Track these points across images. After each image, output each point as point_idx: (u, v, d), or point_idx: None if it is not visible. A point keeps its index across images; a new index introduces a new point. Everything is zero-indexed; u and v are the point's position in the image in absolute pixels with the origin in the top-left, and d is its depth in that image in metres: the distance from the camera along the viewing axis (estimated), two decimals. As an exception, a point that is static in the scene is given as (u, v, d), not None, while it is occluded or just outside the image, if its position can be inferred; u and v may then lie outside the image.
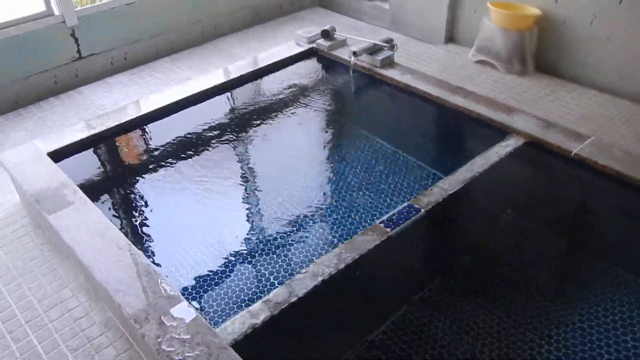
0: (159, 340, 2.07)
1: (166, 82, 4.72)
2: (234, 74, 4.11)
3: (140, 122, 3.65)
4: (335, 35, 4.38)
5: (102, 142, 3.49)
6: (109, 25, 4.78)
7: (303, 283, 2.33)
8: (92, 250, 2.52)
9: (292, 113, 3.92)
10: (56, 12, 4.47)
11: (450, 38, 5.35)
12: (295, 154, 3.55)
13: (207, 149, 3.59)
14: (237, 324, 2.20)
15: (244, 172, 3.47)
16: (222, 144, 3.68)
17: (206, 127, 3.80)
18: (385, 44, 4.06)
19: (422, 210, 2.75)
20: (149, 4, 4.95)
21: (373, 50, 4.10)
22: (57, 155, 3.32)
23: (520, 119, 3.45)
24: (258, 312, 2.23)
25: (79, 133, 3.49)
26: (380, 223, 2.65)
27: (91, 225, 2.67)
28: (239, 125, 3.89)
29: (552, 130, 3.32)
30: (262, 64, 4.27)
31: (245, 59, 4.51)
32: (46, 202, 2.86)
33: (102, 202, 3.15)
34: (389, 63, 4.08)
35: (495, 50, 4.70)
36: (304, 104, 4.00)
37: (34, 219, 3.26)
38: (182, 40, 5.36)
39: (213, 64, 4.97)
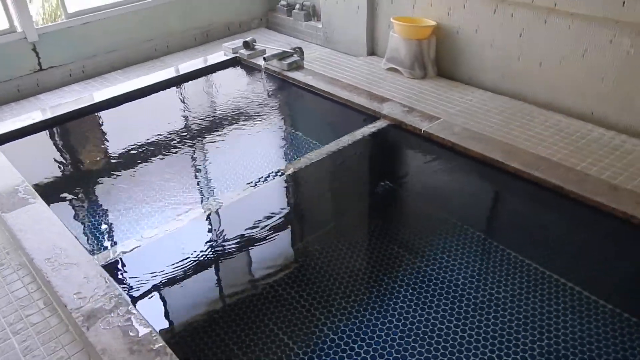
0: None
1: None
2: (164, 77, 4.93)
3: (73, 116, 4.45)
4: (255, 46, 5.21)
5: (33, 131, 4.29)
6: (66, 41, 5.65)
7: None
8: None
9: (209, 106, 4.74)
10: (18, 29, 5.34)
11: (372, 51, 6.17)
12: (213, 131, 4.37)
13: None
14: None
15: (163, 149, 4.24)
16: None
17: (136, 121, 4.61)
18: (292, 51, 4.86)
19: (284, 174, 3.48)
20: (103, 24, 5.83)
21: (282, 56, 4.90)
22: None
23: (389, 106, 4.20)
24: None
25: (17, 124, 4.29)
26: (248, 183, 3.39)
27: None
28: (171, 115, 4.71)
29: (412, 115, 4.07)
30: (192, 69, 5.09)
31: (180, 66, 5.34)
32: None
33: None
34: (296, 67, 4.87)
35: (400, 59, 5.49)
36: (223, 98, 4.81)
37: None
38: (136, 56, 6.22)
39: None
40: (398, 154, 4.09)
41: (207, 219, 3.25)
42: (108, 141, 4.50)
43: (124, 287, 2.78)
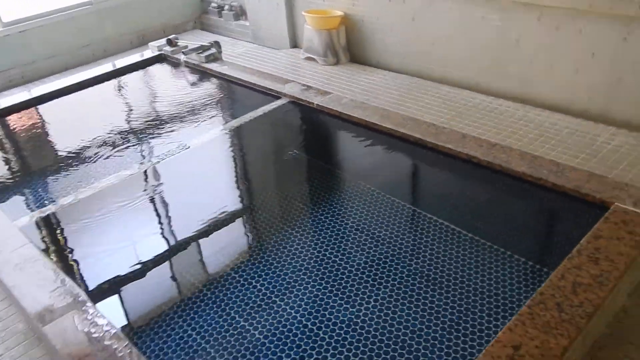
0: None
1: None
2: (94, 74, 5.49)
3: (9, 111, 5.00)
4: (177, 43, 5.79)
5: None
6: (5, 49, 6.17)
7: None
8: None
9: (139, 94, 5.33)
10: (-43, 39, 5.86)
11: (294, 44, 6.78)
12: (140, 118, 4.96)
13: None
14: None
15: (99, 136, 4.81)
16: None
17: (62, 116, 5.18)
18: (209, 45, 5.45)
19: (190, 146, 4.06)
20: (40, 31, 6.35)
21: (201, 50, 5.49)
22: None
23: (290, 86, 4.81)
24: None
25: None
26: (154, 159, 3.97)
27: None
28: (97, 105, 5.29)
29: (308, 92, 4.68)
30: (121, 65, 5.65)
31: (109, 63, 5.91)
32: None
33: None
34: (213, 59, 5.46)
35: (314, 48, 6.11)
36: (146, 90, 5.40)
37: None
38: (74, 61, 6.75)
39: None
40: (295, 124, 4.71)
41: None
42: (43, 133, 5.06)
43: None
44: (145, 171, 4.03)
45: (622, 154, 3.95)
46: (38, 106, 5.32)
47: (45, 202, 3.80)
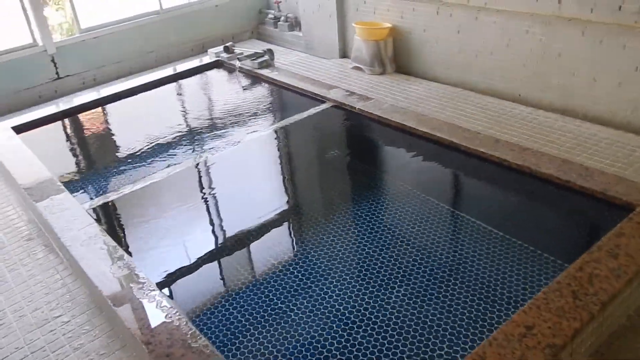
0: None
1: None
2: (157, 77, 5.99)
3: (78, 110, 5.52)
4: (234, 50, 6.22)
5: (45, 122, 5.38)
6: (80, 53, 6.77)
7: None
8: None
9: (196, 96, 5.79)
10: (39, 43, 6.50)
11: (343, 54, 7.11)
12: (199, 115, 5.41)
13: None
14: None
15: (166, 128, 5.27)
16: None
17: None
18: (262, 52, 5.85)
19: (240, 142, 4.42)
20: (111, 38, 6.95)
21: (254, 57, 5.89)
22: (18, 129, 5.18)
23: (334, 92, 5.12)
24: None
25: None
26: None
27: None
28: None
29: (351, 97, 4.97)
30: (181, 70, 6.14)
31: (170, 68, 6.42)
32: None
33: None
34: (266, 65, 5.85)
35: (362, 58, 6.41)
36: (203, 92, 5.85)
37: None
38: (139, 66, 7.31)
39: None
40: (337, 127, 5.00)
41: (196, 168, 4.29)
42: (109, 129, 5.56)
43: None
44: (198, 164, 4.40)
45: (659, 165, 4.00)
46: (106, 106, 5.83)
47: (109, 189, 4.22)
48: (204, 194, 4.10)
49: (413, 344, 2.57)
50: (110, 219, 3.82)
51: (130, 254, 3.31)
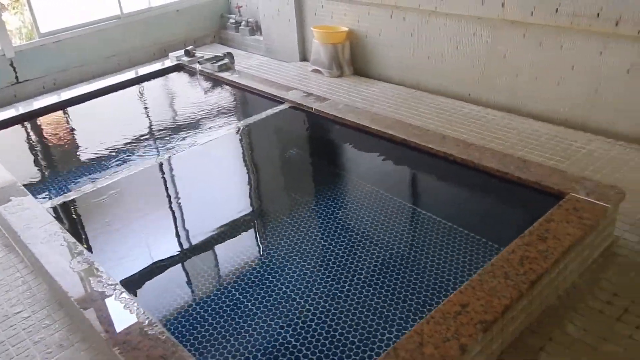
0: None
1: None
2: (118, 80, 6.05)
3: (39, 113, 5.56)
4: (195, 53, 6.33)
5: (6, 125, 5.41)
6: (40, 57, 6.77)
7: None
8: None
9: (157, 99, 5.87)
10: (-2, 47, 6.49)
11: (303, 57, 7.29)
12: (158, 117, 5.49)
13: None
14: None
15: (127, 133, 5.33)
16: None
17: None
18: (222, 55, 5.98)
19: (200, 143, 4.54)
20: (72, 42, 6.96)
21: (215, 60, 6.02)
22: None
23: (292, 93, 5.28)
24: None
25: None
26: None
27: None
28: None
29: (308, 98, 5.14)
30: (143, 73, 6.22)
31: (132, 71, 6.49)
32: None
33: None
34: (225, 68, 5.98)
35: (321, 61, 6.59)
36: (164, 95, 5.94)
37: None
38: (101, 70, 7.34)
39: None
40: (295, 126, 5.18)
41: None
42: (70, 132, 5.61)
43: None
44: (158, 165, 4.50)
45: (593, 158, 4.30)
46: (67, 108, 5.87)
47: (68, 189, 4.29)
48: (164, 193, 4.21)
49: (364, 328, 2.74)
50: (70, 218, 3.89)
51: (90, 250, 3.39)
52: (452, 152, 3.87)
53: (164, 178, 4.40)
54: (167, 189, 4.30)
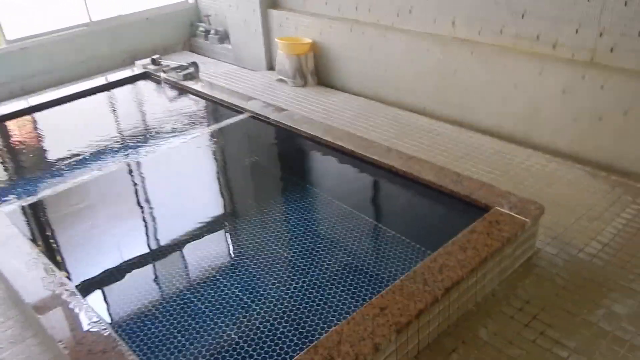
0: None
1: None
2: (85, 87, 6.30)
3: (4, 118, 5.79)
4: (161, 62, 6.60)
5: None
6: (7, 64, 6.98)
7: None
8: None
9: (123, 106, 6.14)
10: (-36, 52, 6.69)
11: (270, 66, 7.59)
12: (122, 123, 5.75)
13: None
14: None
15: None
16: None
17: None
18: (187, 65, 6.25)
19: (160, 151, 4.81)
20: (40, 49, 7.18)
21: (179, 69, 6.29)
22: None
23: (252, 103, 5.57)
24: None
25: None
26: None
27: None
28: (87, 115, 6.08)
29: (267, 109, 5.44)
30: (110, 80, 6.47)
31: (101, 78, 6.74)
32: None
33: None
34: (190, 78, 6.25)
35: (285, 71, 6.90)
36: (130, 102, 6.22)
37: None
38: (70, 76, 7.56)
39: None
40: (254, 136, 5.49)
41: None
42: (33, 137, 5.86)
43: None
44: (119, 170, 4.77)
45: (530, 172, 4.67)
46: (33, 114, 6.09)
47: (29, 193, 4.54)
48: (124, 198, 4.48)
49: (304, 325, 3.04)
50: (28, 221, 4.13)
51: (45, 252, 3.64)
52: (395, 164, 4.20)
53: (125, 183, 4.66)
54: (127, 194, 4.56)
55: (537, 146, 4.99)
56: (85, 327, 2.81)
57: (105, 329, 2.79)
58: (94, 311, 2.92)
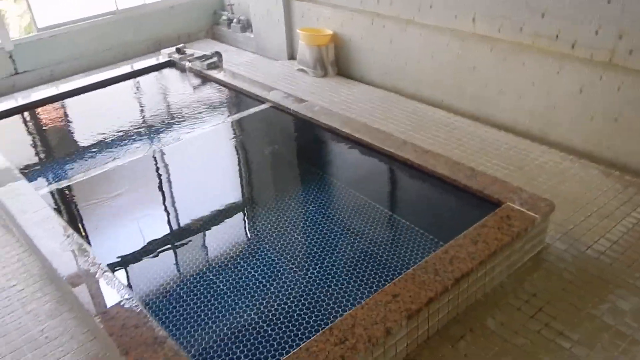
0: None
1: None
2: (112, 75, 6.54)
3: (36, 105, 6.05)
4: (186, 51, 6.82)
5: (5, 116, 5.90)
6: (37, 50, 7.24)
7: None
8: None
9: (148, 94, 6.38)
10: (-3, 39, 6.97)
11: (291, 56, 7.76)
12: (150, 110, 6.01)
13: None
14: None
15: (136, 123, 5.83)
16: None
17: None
18: (210, 54, 6.46)
19: (184, 139, 5.05)
20: (68, 36, 7.42)
21: (204, 59, 6.50)
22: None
23: (273, 94, 5.77)
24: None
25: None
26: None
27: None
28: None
29: (288, 99, 5.63)
30: (136, 68, 6.71)
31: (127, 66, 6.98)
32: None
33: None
34: (214, 67, 6.46)
35: (306, 61, 7.07)
36: (155, 90, 6.46)
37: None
38: (97, 62, 7.81)
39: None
40: (275, 125, 5.70)
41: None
42: (65, 123, 6.13)
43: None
44: (146, 156, 5.02)
45: (544, 169, 4.80)
46: (63, 100, 6.36)
47: (60, 177, 4.80)
48: (150, 183, 4.72)
49: (319, 308, 3.25)
50: (62, 203, 4.40)
51: (79, 233, 3.90)
52: (410, 157, 4.38)
53: (151, 168, 4.91)
54: (153, 179, 4.81)
55: (552, 143, 5.11)
56: (119, 303, 3.05)
57: (137, 306, 3.03)
58: (126, 290, 3.16)
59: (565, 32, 4.78)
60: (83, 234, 3.98)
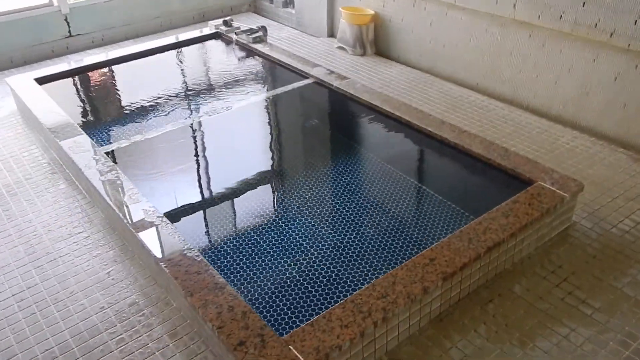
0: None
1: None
2: (162, 44, 6.83)
3: (94, 67, 6.37)
4: (232, 24, 7.06)
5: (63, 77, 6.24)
6: (91, 14, 7.54)
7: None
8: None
9: (196, 64, 6.67)
10: (55, 3, 7.28)
11: (331, 33, 7.96)
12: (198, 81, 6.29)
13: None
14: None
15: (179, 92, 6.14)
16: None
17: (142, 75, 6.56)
18: (257, 28, 6.70)
19: (231, 108, 5.34)
20: (121, 2, 7.72)
21: (250, 32, 6.74)
22: (40, 81, 6.03)
23: (316, 70, 6.00)
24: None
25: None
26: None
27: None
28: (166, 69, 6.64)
29: (330, 76, 5.85)
30: (184, 38, 6.98)
31: (173, 36, 7.26)
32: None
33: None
34: (259, 41, 6.70)
35: (346, 39, 7.27)
36: (202, 61, 6.74)
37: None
38: (145, 30, 8.10)
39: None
40: (317, 101, 5.94)
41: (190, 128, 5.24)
42: (118, 87, 6.45)
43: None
44: (193, 124, 5.33)
45: (574, 153, 4.98)
46: (116, 65, 6.67)
47: (120, 138, 5.13)
48: (199, 148, 5.03)
49: (359, 270, 3.55)
50: (122, 161, 4.72)
51: (139, 188, 4.23)
52: (447, 136, 4.59)
53: (198, 136, 5.21)
54: (201, 145, 5.11)
55: (584, 128, 5.27)
56: (181, 252, 3.37)
57: (197, 255, 3.34)
58: (186, 240, 3.47)
59: (605, 21, 4.90)
60: (143, 189, 4.29)
